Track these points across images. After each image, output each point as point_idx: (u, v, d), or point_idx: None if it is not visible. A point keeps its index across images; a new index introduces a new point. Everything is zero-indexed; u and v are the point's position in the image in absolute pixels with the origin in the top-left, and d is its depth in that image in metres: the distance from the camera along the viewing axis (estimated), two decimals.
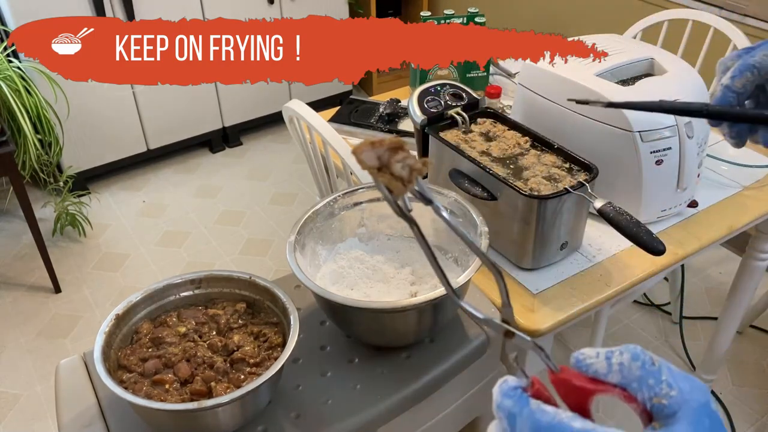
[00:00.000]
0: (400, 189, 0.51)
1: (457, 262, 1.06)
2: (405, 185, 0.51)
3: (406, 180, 0.51)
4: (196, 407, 0.76)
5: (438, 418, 1.01)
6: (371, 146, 0.51)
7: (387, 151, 0.51)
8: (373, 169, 0.51)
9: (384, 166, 0.51)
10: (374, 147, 0.51)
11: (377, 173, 0.51)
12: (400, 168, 0.51)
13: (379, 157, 0.51)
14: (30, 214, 2.17)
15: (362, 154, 0.51)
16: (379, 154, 0.51)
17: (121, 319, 0.89)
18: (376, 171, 0.51)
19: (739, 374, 2.01)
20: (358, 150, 0.51)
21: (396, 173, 0.51)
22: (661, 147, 1.21)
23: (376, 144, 0.51)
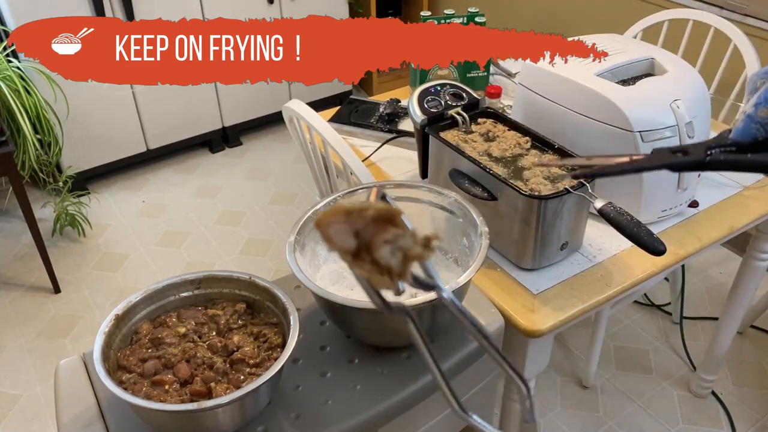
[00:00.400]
0: (386, 284, 0.35)
1: (457, 263, 1.06)
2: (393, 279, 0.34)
3: (397, 272, 0.34)
4: (196, 408, 0.76)
5: (438, 419, 1.01)
6: (346, 217, 0.33)
7: (370, 226, 0.34)
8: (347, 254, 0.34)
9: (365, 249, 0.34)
10: (351, 218, 0.33)
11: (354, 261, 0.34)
12: (388, 253, 0.33)
13: (357, 234, 0.34)
14: (29, 214, 2.16)
15: (330, 228, 0.34)
16: (357, 230, 0.33)
17: (121, 319, 0.89)
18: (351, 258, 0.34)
19: (739, 374, 2.01)
20: (323, 222, 0.34)
21: (382, 261, 0.34)
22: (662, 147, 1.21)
23: (353, 214, 0.34)
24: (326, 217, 0.33)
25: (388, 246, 0.33)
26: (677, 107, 1.20)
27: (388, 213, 0.33)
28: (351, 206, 0.33)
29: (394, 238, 0.33)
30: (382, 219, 0.33)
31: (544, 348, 1.20)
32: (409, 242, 0.33)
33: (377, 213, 0.33)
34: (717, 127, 1.67)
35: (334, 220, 0.33)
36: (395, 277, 0.34)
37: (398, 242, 0.33)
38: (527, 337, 1.11)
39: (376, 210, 0.33)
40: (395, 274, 0.33)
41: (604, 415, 1.89)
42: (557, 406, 1.91)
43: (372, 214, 0.33)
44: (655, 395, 1.95)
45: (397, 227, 0.34)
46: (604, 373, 2.01)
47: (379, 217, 0.33)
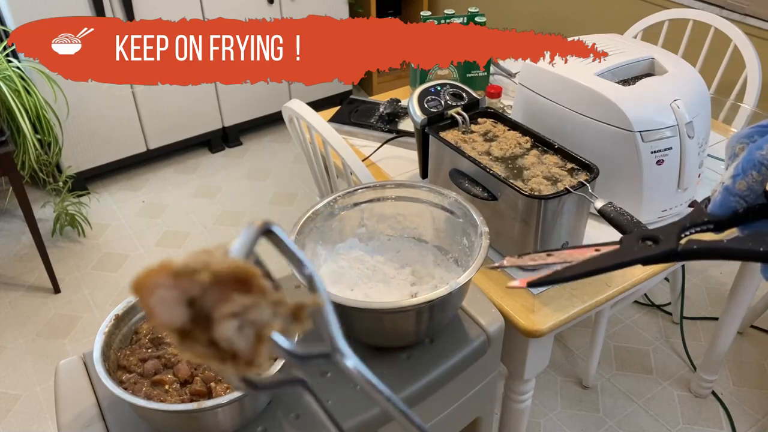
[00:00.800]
0: (233, 372, 0.25)
1: (457, 263, 1.06)
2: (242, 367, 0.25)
3: (245, 359, 0.25)
4: (196, 408, 0.76)
5: (438, 419, 1.01)
6: (173, 278, 0.24)
7: (211, 291, 0.24)
8: (175, 331, 0.25)
9: (201, 322, 0.25)
10: (178, 282, 0.24)
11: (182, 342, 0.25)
12: (233, 331, 0.24)
13: (190, 303, 0.24)
14: (29, 214, 2.16)
15: (153, 294, 0.24)
16: (189, 296, 0.24)
17: (121, 319, 0.88)
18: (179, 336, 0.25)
19: (739, 375, 2.01)
20: (143, 285, 0.24)
21: (222, 343, 0.24)
22: (662, 147, 1.21)
23: (183, 274, 0.24)
24: (146, 278, 0.24)
25: (234, 321, 0.24)
26: (677, 107, 1.20)
27: (236, 274, 0.24)
28: (181, 267, 0.24)
29: (244, 310, 0.24)
30: (229, 282, 0.24)
31: (544, 348, 1.20)
32: (265, 314, 0.25)
33: (216, 276, 0.24)
34: (717, 127, 1.67)
35: (158, 283, 0.24)
36: (243, 365, 0.24)
37: (249, 315, 0.24)
38: (527, 337, 1.11)
39: (214, 272, 0.24)
40: (243, 359, 0.24)
41: (605, 415, 1.89)
42: (557, 407, 1.91)
43: (211, 274, 0.24)
44: (655, 395, 1.95)
45: (251, 293, 0.25)
46: (604, 373, 2.01)
47: (223, 278, 0.24)
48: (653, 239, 0.50)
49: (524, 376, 1.22)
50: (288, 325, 0.25)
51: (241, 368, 0.24)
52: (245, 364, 0.24)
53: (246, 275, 0.24)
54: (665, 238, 0.50)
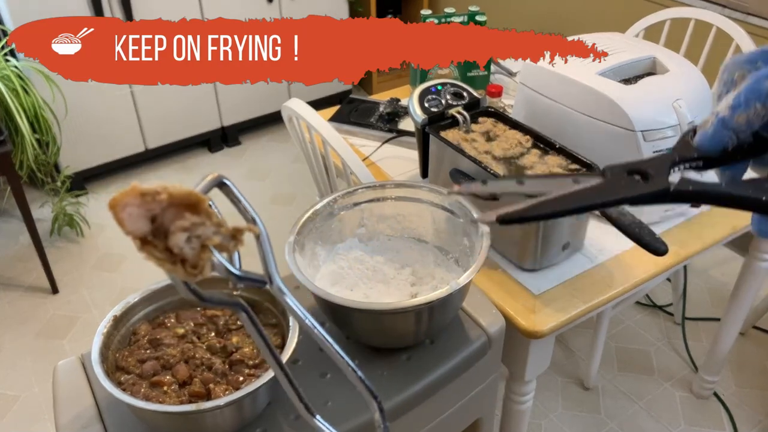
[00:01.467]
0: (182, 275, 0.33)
1: (457, 263, 1.05)
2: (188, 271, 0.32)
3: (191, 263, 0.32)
4: (195, 409, 0.75)
5: (438, 420, 1.00)
6: (140, 198, 0.32)
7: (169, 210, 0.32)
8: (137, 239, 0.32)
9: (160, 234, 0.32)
10: (146, 201, 0.32)
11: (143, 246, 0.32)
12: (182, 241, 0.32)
13: (153, 219, 0.32)
14: (27, 214, 2.15)
15: (124, 210, 0.32)
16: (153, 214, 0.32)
17: (119, 320, 0.88)
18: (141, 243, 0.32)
19: (741, 375, 2.01)
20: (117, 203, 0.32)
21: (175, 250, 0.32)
22: (664, 146, 1.20)
23: (148, 196, 0.32)
24: (121, 197, 0.31)
25: (184, 234, 0.32)
26: (679, 106, 1.20)
27: (188, 199, 0.32)
28: (147, 188, 0.32)
29: (192, 226, 0.32)
30: (182, 205, 0.32)
31: (545, 349, 1.19)
32: (208, 231, 0.32)
33: (172, 198, 0.31)
34: None
35: (128, 201, 0.31)
36: (189, 268, 0.32)
37: (196, 231, 0.32)
38: (528, 338, 1.10)
39: (171, 194, 0.31)
40: (189, 264, 0.32)
41: (606, 416, 1.88)
42: (558, 408, 1.91)
43: (168, 197, 0.31)
44: (656, 396, 1.94)
45: (199, 215, 0.32)
46: (605, 374, 2.00)
47: (177, 201, 0.31)
48: (642, 174, 0.45)
49: (525, 377, 1.21)
50: (227, 242, 0.33)
51: (188, 271, 0.32)
52: (191, 267, 0.32)
53: (196, 200, 0.32)
54: (655, 173, 0.45)
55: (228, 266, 0.33)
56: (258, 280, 0.37)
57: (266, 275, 0.37)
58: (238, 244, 0.35)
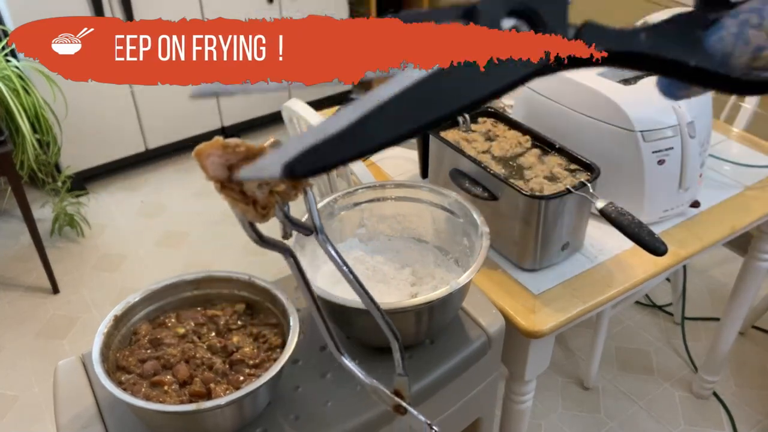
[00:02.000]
0: (252, 215, 0.38)
1: (457, 263, 1.05)
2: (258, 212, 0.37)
3: (261, 204, 0.37)
4: (195, 409, 0.75)
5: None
6: (221, 149, 0.37)
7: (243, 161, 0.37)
8: (218, 182, 0.37)
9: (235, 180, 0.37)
10: (226, 152, 0.37)
11: (223, 189, 0.37)
12: (255, 187, 0.37)
13: (230, 167, 0.37)
14: (28, 214, 2.16)
15: (207, 159, 0.37)
16: (230, 163, 0.37)
17: (120, 320, 0.88)
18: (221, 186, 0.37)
19: (741, 375, 2.01)
20: (202, 152, 0.37)
21: (248, 192, 0.37)
22: (663, 147, 1.20)
23: (229, 148, 0.37)
24: (205, 148, 0.37)
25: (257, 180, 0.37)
26: (679, 106, 1.20)
27: (261, 151, 0.36)
28: (228, 141, 0.37)
29: None
30: (255, 157, 0.36)
31: (544, 349, 1.19)
32: (275, 180, 0.37)
33: (249, 150, 0.36)
34: (718, 126, 1.66)
35: (211, 152, 0.36)
36: (259, 209, 0.37)
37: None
38: (528, 337, 1.10)
39: (248, 148, 0.36)
40: (260, 206, 0.37)
41: (606, 416, 1.88)
42: (558, 408, 1.91)
43: (245, 150, 0.36)
44: (656, 396, 1.94)
45: None
46: (605, 374, 2.01)
47: (250, 153, 0.36)
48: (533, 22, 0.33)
49: (525, 377, 1.21)
50: (289, 189, 0.38)
51: (259, 212, 0.37)
52: (261, 208, 0.37)
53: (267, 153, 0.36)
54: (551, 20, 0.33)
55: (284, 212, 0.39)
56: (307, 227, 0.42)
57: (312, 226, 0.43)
58: (298, 193, 0.39)
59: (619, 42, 0.34)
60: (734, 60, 0.30)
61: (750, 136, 1.62)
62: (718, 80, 0.31)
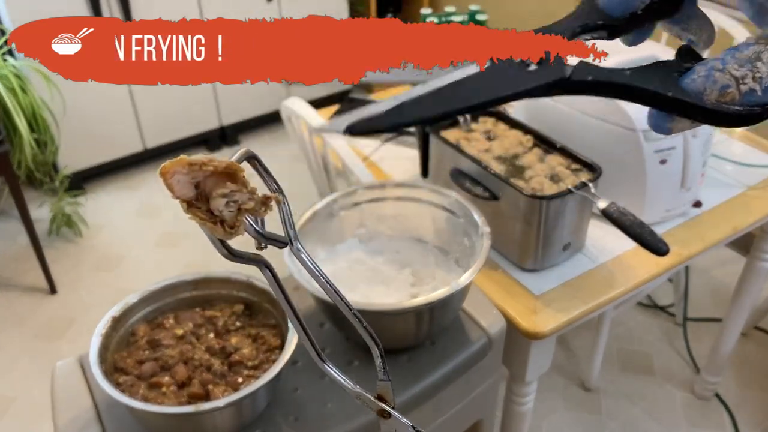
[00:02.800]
0: (220, 233, 0.38)
1: (458, 263, 1.04)
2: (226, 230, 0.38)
3: (229, 224, 0.38)
4: (194, 410, 0.75)
5: (439, 422, 0.99)
6: (188, 167, 0.37)
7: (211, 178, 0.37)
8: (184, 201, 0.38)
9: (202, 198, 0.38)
10: (193, 169, 0.37)
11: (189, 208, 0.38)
12: (221, 205, 0.37)
13: (197, 185, 0.38)
14: (26, 214, 2.15)
15: (173, 177, 0.38)
16: (197, 181, 0.38)
17: (118, 321, 0.87)
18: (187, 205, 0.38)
19: (743, 376, 2.00)
20: (167, 171, 0.38)
21: (215, 212, 0.37)
22: (665, 146, 1.20)
23: (195, 166, 0.37)
24: (171, 166, 0.37)
25: (223, 199, 0.37)
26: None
27: (228, 169, 0.37)
28: (194, 159, 0.37)
29: (230, 193, 0.37)
30: (223, 174, 0.37)
31: (546, 350, 1.19)
32: (244, 197, 0.37)
33: (216, 168, 0.36)
34: None
35: (176, 170, 0.37)
36: (227, 228, 0.37)
37: (233, 196, 0.37)
38: (529, 338, 1.09)
39: (215, 165, 0.36)
40: (227, 224, 0.37)
41: (607, 417, 1.87)
42: (559, 408, 1.90)
43: (213, 166, 0.36)
44: (658, 397, 1.94)
45: (236, 183, 0.37)
46: (606, 375, 2.00)
47: (219, 170, 0.36)
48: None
49: (526, 378, 1.20)
50: (258, 206, 0.38)
51: (227, 231, 0.37)
52: (229, 227, 0.37)
53: (235, 170, 0.37)
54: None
55: (256, 227, 0.38)
56: (280, 240, 0.41)
57: (287, 237, 0.42)
58: (267, 209, 0.39)
59: (608, 75, 0.38)
60: (705, 96, 0.37)
61: (752, 136, 1.61)
62: (693, 110, 0.37)
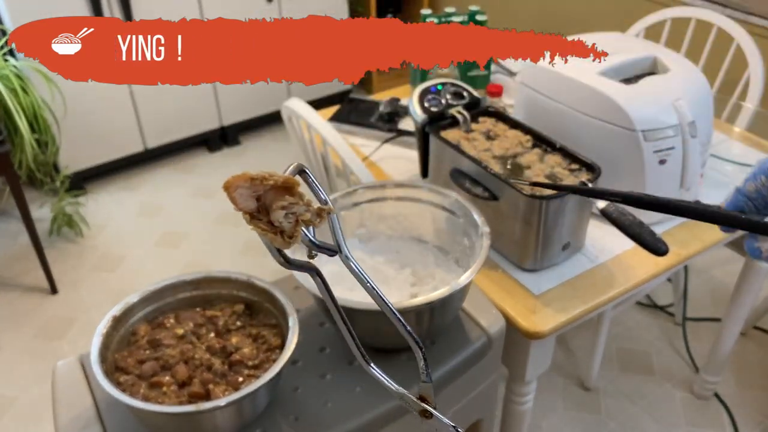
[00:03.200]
0: (279, 243, 0.41)
1: (458, 263, 1.05)
2: (285, 240, 0.41)
3: (288, 234, 0.41)
4: (194, 410, 0.75)
5: None
6: (249, 182, 0.41)
7: (270, 192, 0.41)
8: (246, 214, 0.41)
9: (263, 210, 0.41)
10: (254, 184, 0.41)
11: (251, 219, 0.41)
12: (281, 216, 0.40)
13: (258, 198, 0.41)
14: (26, 214, 2.15)
15: (236, 191, 0.41)
16: (258, 195, 0.41)
17: (119, 320, 0.88)
18: (249, 217, 0.41)
19: (743, 376, 2.00)
20: (231, 185, 0.41)
21: (275, 223, 0.41)
22: (665, 146, 1.20)
23: (256, 180, 0.41)
24: (234, 180, 0.40)
25: (283, 211, 0.40)
26: (680, 106, 1.19)
27: (286, 183, 0.41)
28: (255, 174, 0.40)
29: (289, 205, 0.40)
30: (281, 188, 0.40)
31: (545, 349, 1.19)
32: (301, 209, 0.41)
33: (275, 182, 0.40)
34: (720, 126, 1.66)
35: (239, 184, 0.40)
36: (286, 238, 0.40)
37: (292, 209, 0.41)
38: (529, 338, 1.10)
39: (275, 180, 0.40)
40: (287, 235, 0.40)
41: (606, 417, 1.87)
42: (559, 408, 1.90)
43: (273, 181, 0.40)
44: (657, 397, 1.94)
45: (293, 196, 0.41)
46: (606, 375, 2.00)
47: (278, 184, 0.40)
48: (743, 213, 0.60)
49: (525, 378, 1.21)
50: (313, 218, 0.42)
51: (285, 240, 0.41)
52: (287, 237, 0.40)
53: (292, 184, 0.40)
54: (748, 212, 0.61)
55: (310, 237, 0.42)
56: (331, 249, 0.46)
57: (336, 245, 0.47)
58: (322, 220, 0.42)
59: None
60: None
61: (751, 136, 1.61)
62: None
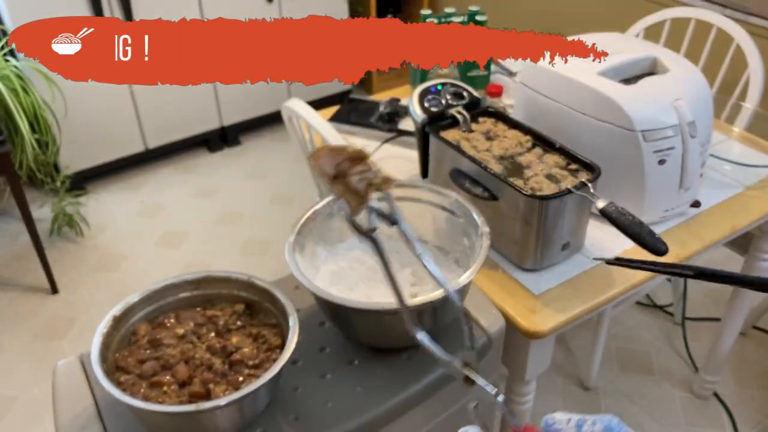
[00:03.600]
0: (355, 202, 0.50)
1: (458, 263, 1.05)
2: (360, 200, 0.50)
3: (362, 194, 0.50)
4: (195, 409, 0.75)
5: (438, 421, 1.00)
6: (331, 153, 0.50)
7: (347, 161, 0.50)
8: (329, 177, 0.50)
9: (341, 176, 0.50)
10: (334, 154, 0.50)
11: (332, 182, 0.50)
12: (356, 181, 0.50)
13: (337, 165, 0.50)
14: (27, 214, 2.15)
15: (320, 159, 0.51)
16: (337, 162, 0.50)
17: (119, 320, 0.88)
18: (331, 180, 0.50)
19: (742, 376, 2.00)
20: (316, 155, 0.50)
21: (351, 186, 0.50)
22: (664, 146, 1.20)
23: (336, 151, 0.50)
24: (318, 151, 0.49)
25: (357, 176, 0.49)
26: (680, 106, 1.20)
27: (360, 154, 0.49)
28: (335, 146, 0.49)
29: (362, 171, 0.49)
30: (355, 157, 0.49)
31: (545, 349, 1.19)
32: (371, 175, 0.49)
33: (353, 153, 0.48)
34: (719, 126, 1.66)
35: (323, 154, 0.49)
36: (359, 198, 0.48)
37: (365, 174, 0.49)
38: (528, 338, 1.10)
39: (353, 150, 0.48)
40: (360, 195, 0.49)
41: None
42: (558, 408, 1.90)
43: (349, 153, 0.48)
44: (657, 397, 1.94)
45: (365, 165, 0.49)
46: (605, 375, 2.00)
47: (353, 155, 0.48)
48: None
49: (525, 378, 1.21)
50: (381, 183, 0.49)
51: (359, 201, 0.49)
52: (361, 197, 0.48)
53: (364, 155, 0.48)
54: None
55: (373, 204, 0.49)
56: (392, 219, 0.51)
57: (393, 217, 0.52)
58: (388, 185, 0.50)
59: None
60: None
61: (751, 136, 1.61)
62: None
